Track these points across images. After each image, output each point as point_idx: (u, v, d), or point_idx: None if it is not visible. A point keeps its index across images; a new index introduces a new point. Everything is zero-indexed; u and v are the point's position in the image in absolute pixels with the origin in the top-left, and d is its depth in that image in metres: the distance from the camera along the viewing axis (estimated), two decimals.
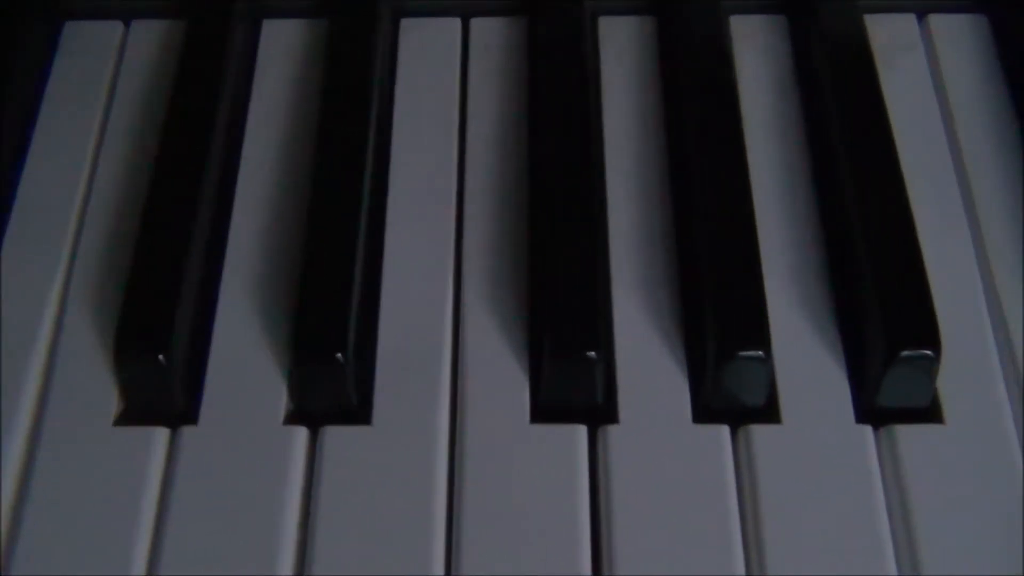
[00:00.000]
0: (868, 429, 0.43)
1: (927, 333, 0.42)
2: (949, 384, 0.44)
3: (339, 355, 0.42)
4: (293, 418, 0.44)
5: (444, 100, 0.52)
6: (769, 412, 0.43)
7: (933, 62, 0.53)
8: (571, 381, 0.43)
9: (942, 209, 0.48)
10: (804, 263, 0.47)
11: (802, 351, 0.44)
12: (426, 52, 0.53)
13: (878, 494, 0.41)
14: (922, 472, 0.42)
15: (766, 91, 0.52)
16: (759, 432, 0.43)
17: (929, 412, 0.43)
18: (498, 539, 0.41)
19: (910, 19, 0.54)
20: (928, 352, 0.42)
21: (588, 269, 0.44)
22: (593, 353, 0.42)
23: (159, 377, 0.43)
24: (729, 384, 0.43)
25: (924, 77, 0.52)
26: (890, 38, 0.53)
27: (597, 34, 0.54)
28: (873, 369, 0.43)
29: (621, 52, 0.53)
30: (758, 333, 0.42)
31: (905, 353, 0.42)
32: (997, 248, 0.47)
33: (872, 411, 0.43)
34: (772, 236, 0.47)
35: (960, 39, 0.54)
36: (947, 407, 0.43)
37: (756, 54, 0.53)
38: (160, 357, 0.42)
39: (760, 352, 0.42)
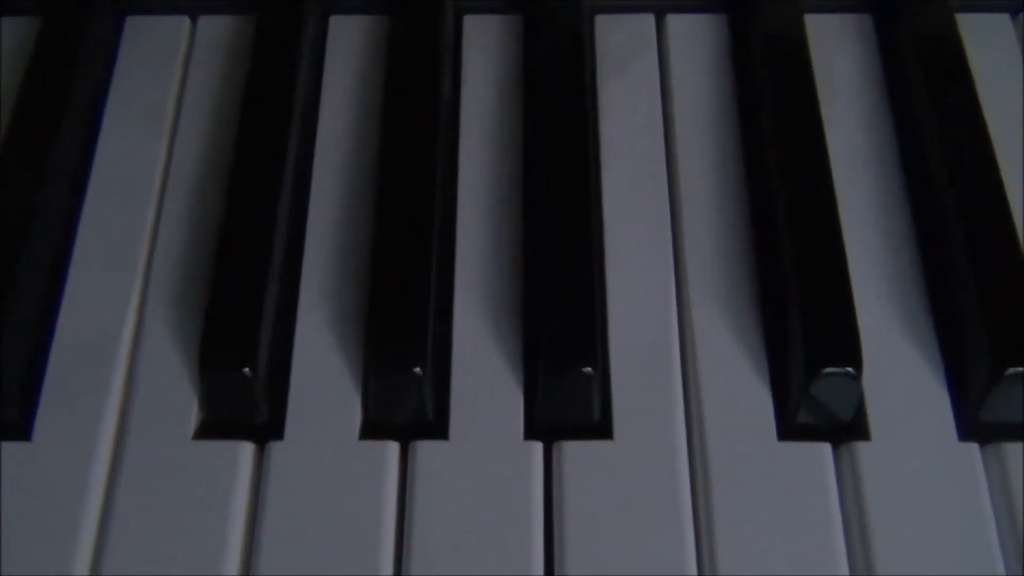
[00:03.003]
0: (537, 445, 0.42)
1: (586, 352, 0.42)
2: (623, 400, 0.43)
3: None
4: None
5: (160, 101, 0.51)
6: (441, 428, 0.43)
7: (665, 64, 0.52)
8: (229, 397, 0.42)
9: (646, 219, 0.47)
10: (499, 272, 0.46)
11: (479, 367, 0.44)
12: (149, 51, 0.52)
13: (537, 510, 0.41)
14: (584, 488, 0.41)
15: (489, 94, 0.51)
16: (424, 448, 0.42)
17: (600, 428, 0.43)
18: (147, 554, 0.40)
19: (648, 19, 0.53)
20: (587, 369, 0.41)
21: (256, 280, 0.43)
22: (248, 369, 0.41)
23: None
24: (391, 400, 0.42)
25: (653, 80, 0.51)
26: (625, 39, 0.53)
27: (326, 34, 0.53)
28: (540, 383, 0.42)
29: (347, 52, 0.52)
30: (414, 349, 0.42)
31: (576, 370, 0.42)
32: (696, 263, 0.46)
33: (543, 427, 0.43)
34: (469, 244, 0.46)
35: (696, 40, 0.52)
36: (617, 423, 0.43)
37: (485, 55, 0.52)
38: None
39: (417, 369, 0.41)
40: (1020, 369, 0.41)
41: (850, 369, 0.41)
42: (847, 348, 0.42)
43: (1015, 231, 0.44)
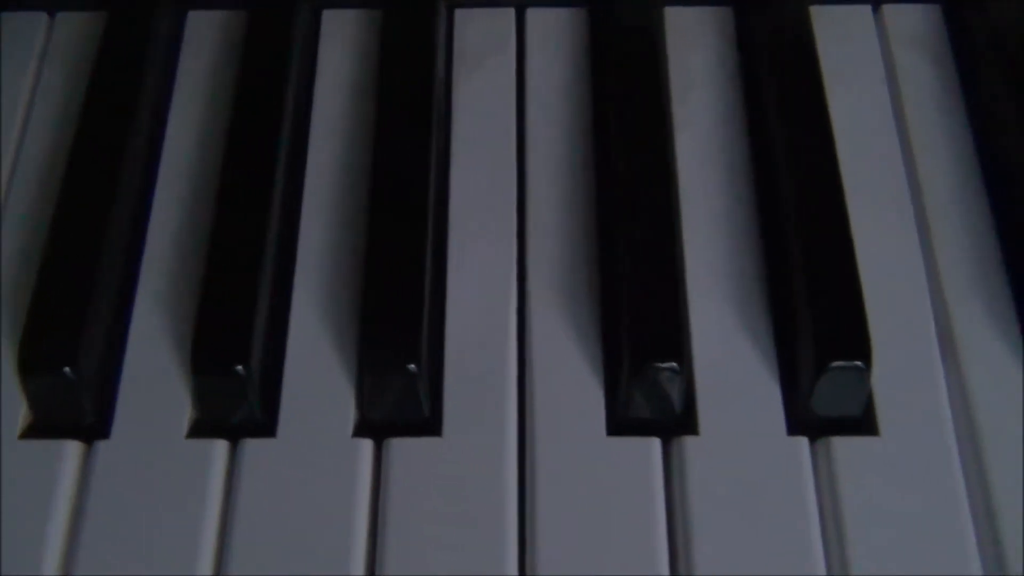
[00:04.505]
0: (367, 442, 0.42)
1: (410, 349, 0.41)
2: (454, 397, 0.43)
3: None
4: None
5: (12, 98, 0.50)
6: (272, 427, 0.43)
7: (523, 60, 0.52)
8: (52, 398, 0.42)
9: (492, 216, 0.47)
10: (340, 270, 0.46)
11: (313, 365, 0.43)
12: (4, 47, 0.52)
13: (362, 508, 0.41)
14: (409, 485, 0.41)
15: (344, 91, 0.51)
16: (250, 445, 0.42)
17: (432, 425, 0.43)
18: None
19: (508, 14, 0.53)
20: (411, 367, 0.41)
21: (82, 278, 0.43)
22: (68, 369, 0.41)
23: None
24: (217, 399, 0.42)
25: (509, 76, 0.51)
26: (483, 34, 0.52)
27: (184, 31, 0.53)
28: (364, 382, 0.42)
29: (203, 49, 0.52)
30: (237, 349, 0.41)
31: (400, 368, 0.41)
32: (539, 260, 0.46)
33: (377, 426, 0.43)
34: (311, 242, 0.46)
35: (556, 36, 0.52)
36: (447, 420, 0.42)
37: (342, 52, 0.52)
38: None
39: (239, 368, 0.41)
40: (844, 363, 0.41)
41: (674, 364, 0.41)
42: (672, 343, 0.41)
43: (848, 227, 0.44)
